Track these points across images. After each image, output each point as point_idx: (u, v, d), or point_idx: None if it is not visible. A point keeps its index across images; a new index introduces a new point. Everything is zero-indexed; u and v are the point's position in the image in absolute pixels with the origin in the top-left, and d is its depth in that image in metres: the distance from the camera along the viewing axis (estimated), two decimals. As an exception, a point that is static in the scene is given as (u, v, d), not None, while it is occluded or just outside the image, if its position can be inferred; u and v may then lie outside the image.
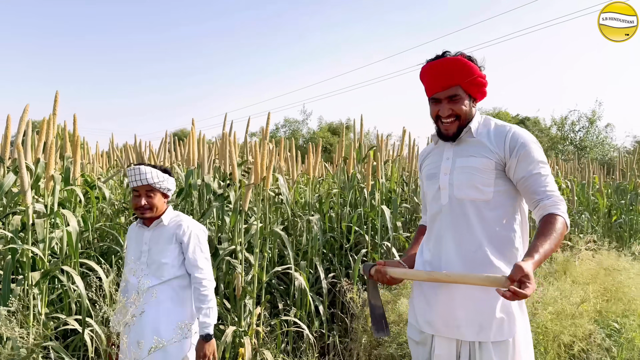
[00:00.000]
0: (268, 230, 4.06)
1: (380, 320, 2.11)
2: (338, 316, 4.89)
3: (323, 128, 31.76)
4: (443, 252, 2.01)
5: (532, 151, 1.91)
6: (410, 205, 5.38)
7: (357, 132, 5.51)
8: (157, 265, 2.60)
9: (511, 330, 1.90)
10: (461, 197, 1.97)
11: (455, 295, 1.95)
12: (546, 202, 1.86)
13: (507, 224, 1.95)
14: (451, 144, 2.06)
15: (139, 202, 2.60)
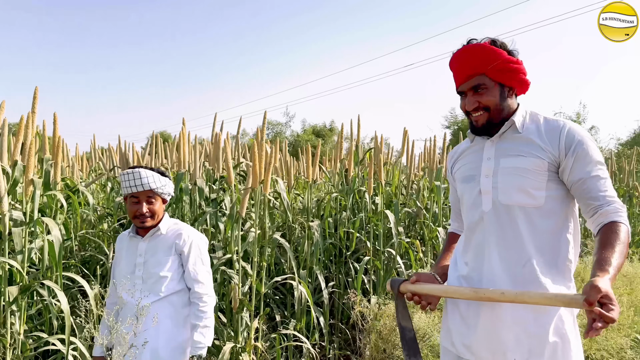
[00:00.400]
0: (267, 237, 3.78)
1: (411, 344, 1.83)
2: (337, 327, 4.64)
3: (307, 131, 31.48)
4: (485, 266, 1.75)
5: (590, 150, 1.66)
6: (412, 210, 5.15)
7: (355, 134, 5.26)
8: (154, 280, 2.33)
9: (565, 356, 1.64)
10: (508, 202, 1.70)
11: (500, 315, 1.68)
12: (607, 208, 1.61)
13: (560, 233, 1.70)
14: (492, 141, 1.80)
15: (139, 209, 2.33)
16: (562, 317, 1.65)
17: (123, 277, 2.36)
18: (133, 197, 2.33)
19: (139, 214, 2.33)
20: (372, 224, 4.58)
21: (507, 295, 1.54)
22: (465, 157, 1.92)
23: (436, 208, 5.22)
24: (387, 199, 5.06)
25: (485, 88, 1.75)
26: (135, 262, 2.37)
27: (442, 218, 5.26)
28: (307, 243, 4.15)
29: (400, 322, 1.85)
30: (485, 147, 1.82)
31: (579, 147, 1.66)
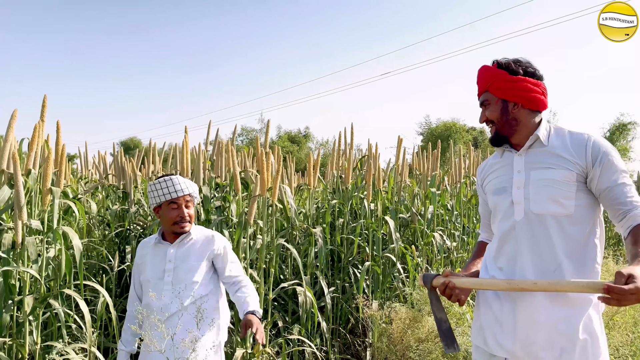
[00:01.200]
0: (275, 244, 3.83)
1: (448, 334, 1.93)
2: (336, 332, 4.71)
3: (282, 137, 31.52)
4: (518, 271, 1.87)
5: (614, 160, 1.81)
6: (407, 216, 5.27)
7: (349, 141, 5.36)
8: (184, 285, 2.36)
9: (595, 353, 1.77)
10: (540, 212, 1.83)
11: (533, 316, 1.80)
12: (635, 212, 1.75)
13: (588, 239, 1.83)
14: (520, 155, 1.94)
15: (181, 213, 2.40)
16: (590, 316, 1.78)
17: (151, 283, 2.39)
18: (172, 203, 2.39)
19: (179, 219, 2.39)
20: (371, 230, 4.68)
21: (540, 284, 1.66)
22: (495, 171, 2.05)
23: (430, 214, 5.36)
24: (383, 205, 5.17)
25: (489, 103, 1.96)
26: (164, 268, 2.40)
27: (435, 224, 5.40)
28: (311, 249, 4.22)
29: (436, 314, 1.96)
30: (514, 161, 1.95)
31: (605, 157, 1.80)
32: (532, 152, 1.91)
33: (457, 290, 1.85)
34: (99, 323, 3.51)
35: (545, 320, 1.78)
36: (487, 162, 2.15)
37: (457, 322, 3.45)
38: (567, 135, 1.90)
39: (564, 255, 1.80)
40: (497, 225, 1.99)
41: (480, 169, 2.19)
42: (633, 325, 3.17)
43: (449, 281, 1.85)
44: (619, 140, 22.00)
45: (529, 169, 1.89)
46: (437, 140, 6.66)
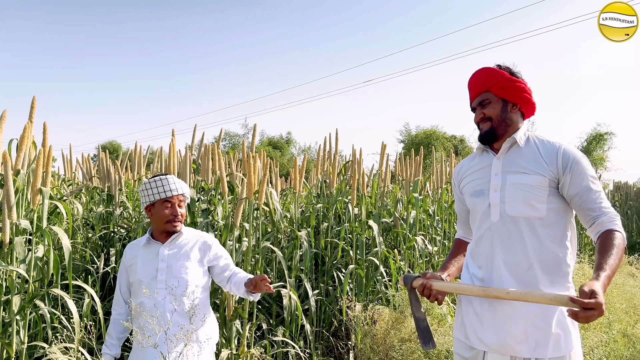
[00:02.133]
0: (260, 247, 3.88)
1: (426, 332, 2.04)
2: (319, 334, 4.77)
3: (264, 142, 31.49)
4: (494, 269, 1.98)
5: (584, 167, 1.93)
6: (390, 220, 5.37)
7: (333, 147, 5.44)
8: (178, 284, 2.40)
9: (568, 346, 1.89)
10: (514, 214, 1.94)
11: (509, 311, 1.92)
12: (603, 218, 1.86)
13: (559, 241, 1.94)
14: (497, 159, 2.04)
15: (174, 211, 2.45)
16: (563, 312, 1.90)
17: (143, 283, 2.42)
18: (166, 201, 2.44)
19: (173, 217, 2.45)
20: (355, 234, 4.76)
21: (512, 294, 1.76)
22: (473, 173, 2.16)
23: (412, 218, 5.46)
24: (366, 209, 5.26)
25: (489, 102, 2.06)
26: (157, 267, 2.43)
27: (417, 228, 5.50)
28: (296, 252, 4.28)
29: (415, 313, 2.07)
30: (493, 164, 2.06)
31: (575, 164, 1.92)
32: (510, 156, 2.02)
33: (434, 291, 1.95)
34: (83, 324, 3.51)
35: (521, 316, 1.89)
36: (464, 163, 2.26)
37: (439, 323, 3.54)
38: (540, 143, 2.02)
39: (535, 256, 1.91)
40: (476, 226, 2.10)
41: (457, 170, 2.30)
42: (607, 326, 3.30)
43: (427, 283, 1.95)
44: (596, 150, 22.47)
45: (505, 173, 2.00)
46: (419, 147, 6.79)
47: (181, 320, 2.34)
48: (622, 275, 5.13)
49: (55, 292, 2.69)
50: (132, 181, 5.45)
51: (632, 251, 10.66)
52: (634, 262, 6.32)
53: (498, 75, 2.02)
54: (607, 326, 3.32)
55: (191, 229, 2.64)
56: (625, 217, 11.92)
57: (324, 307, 4.81)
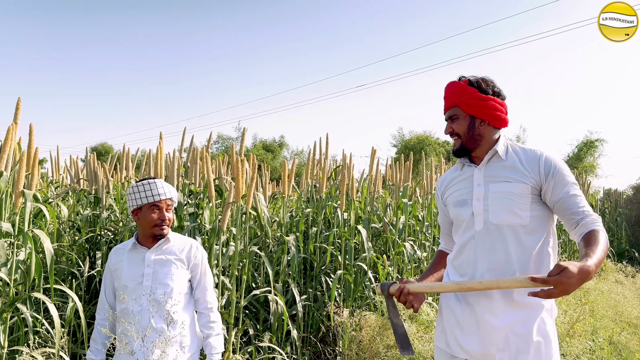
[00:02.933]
0: (247, 251, 3.86)
1: (403, 338, 2.04)
2: (307, 340, 4.74)
3: (257, 146, 31.46)
4: (477, 277, 1.99)
5: (565, 173, 1.96)
6: (379, 225, 5.35)
7: (324, 151, 5.43)
8: (163, 290, 2.39)
9: (548, 353, 1.89)
10: (498, 222, 1.96)
11: (491, 319, 1.92)
12: (587, 220, 1.88)
13: (542, 247, 1.96)
14: (479, 169, 2.06)
15: (162, 216, 2.42)
16: (544, 320, 1.92)
17: (128, 288, 2.39)
18: (154, 205, 2.41)
19: (160, 222, 2.41)
20: (344, 239, 4.75)
21: (485, 282, 1.78)
22: (456, 184, 2.17)
23: (402, 224, 5.45)
24: (356, 215, 5.25)
25: (457, 118, 2.07)
26: (142, 273, 2.40)
27: (406, 234, 5.49)
28: (284, 257, 4.25)
29: (392, 319, 2.07)
30: (475, 175, 2.07)
31: (556, 172, 1.94)
32: (491, 167, 2.04)
33: (411, 297, 1.95)
34: (67, 329, 3.47)
35: (502, 323, 1.89)
36: (447, 175, 2.27)
37: (425, 329, 3.53)
38: (522, 151, 2.04)
39: (519, 263, 1.92)
40: (459, 236, 2.11)
41: (440, 182, 2.31)
42: (592, 333, 3.30)
43: (403, 287, 1.95)
44: (587, 157, 22.62)
45: (487, 182, 2.02)
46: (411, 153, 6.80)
47: (165, 327, 2.32)
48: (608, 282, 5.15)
49: (37, 296, 2.65)
50: (120, 184, 5.40)
51: (621, 258, 10.72)
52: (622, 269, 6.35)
53: (466, 93, 2.03)
54: (592, 333, 3.33)
55: (178, 234, 2.61)
56: (614, 225, 11.98)
57: (311, 313, 4.79)
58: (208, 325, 2.50)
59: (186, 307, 2.49)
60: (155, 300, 2.34)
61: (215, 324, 2.52)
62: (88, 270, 3.90)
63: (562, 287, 1.55)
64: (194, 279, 2.51)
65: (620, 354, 3.70)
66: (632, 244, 12.11)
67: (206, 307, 2.52)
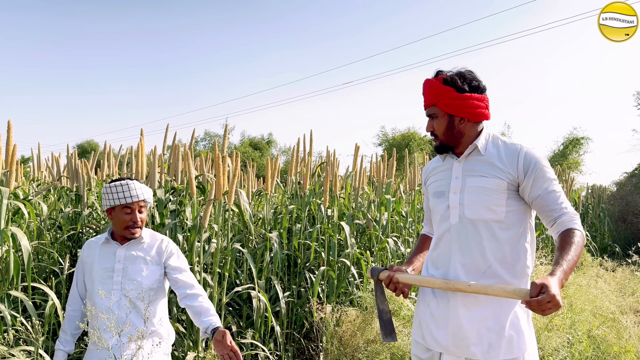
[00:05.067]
0: (229, 248, 3.85)
1: (388, 324, 2.06)
2: (291, 336, 4.75)
3: (244, 143, 31.37)
4: (451, 270, 2.00)
5: (545, 170, 1.95)
6: (362, 222, 5.37)
7: (307, 148, 5.44)
8: (133, 286, 2.37)
9: (521, 348, 1.91)
10: (473, 217, 1.96)
11: (464, 314, 1.94)
12: (564, 218, 1.90)
13: (518, 243, 1.97)
14: (459, 162, 2.06)
15: (134, 218, 2.40)
16: (517, 314, 1.93)
17: (98, 282, 2.39)
18: (126, 207, 2.39)
19: (132, 224, 2.39)
20: (327, 235, 4.76)
21: (473, 287, 1.80)
22: (437, 174, 2.17)
23: (385, 220, 5.48)
24: (340, 211, 5.26)
25: (436, 117, 2.06)
26: (113, 268, 2.40)
27: (389, 230, 5.52)
28: (267, 253, 4.25)
29: (379, 305, 2.09)
30: (453, 167, 2.08)
31: (536, 168, 1.94)
32: (470, 160, 2.04)
33: (400, 284, 1.97)
34: (47, 327, 3.44)
35: (475, 318, 1.91)
36: (431, 164, 2.27)
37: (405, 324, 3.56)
38: (502, 145, 2.03)
39: (493, 258, 1.93)
40: (436, 227, 2.13)
41: (425, 169, 2.32)
42: (570, 326, 3.35)
43: (393, 275, 1.97)
44: (572, 154, 22.85)
45: (465, 176, 2.02)
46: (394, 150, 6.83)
47: (135, 322, 2.32)
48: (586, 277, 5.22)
49: (14, 294, 2.63)
50: (102, 181, 5.37)
51: (604, 253, 10.87)
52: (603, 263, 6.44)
53: (442, 93, 2.00)
54: (569, 327, 3.37)
55: (151, 230, 2.61)
56: (597, 220, 12.13)
57: (295, 309, 4.80)
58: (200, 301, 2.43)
59: (157, 303, 2.48)
60: (125, 296, 2.34)
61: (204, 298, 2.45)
62: (69, 267, 3.87)
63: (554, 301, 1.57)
64: (172, 269, 2.49)
65: (599, 346, 3.76)
66: (615, 239, 12.27)
67: (193, 286, 2.48)
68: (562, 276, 1.68)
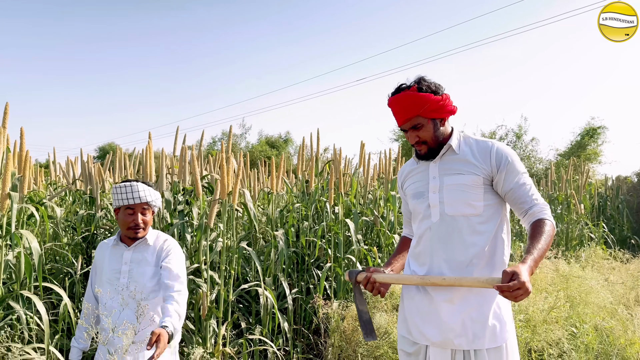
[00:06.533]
0: (235, 247, 3.95)
1: (368, 324, 2.13)
2: (300, 332, 4.84)
3: (262, 142, 31.57)
4: (435, 266, 2.07)
5: (515, 164, 2.04)
6: (369, 219, 5.43)
7: (314, 146, 5.50)
8: (139, 287, 2.46)
9: (503, 336, 1.99)
10: (453, 213, 2.04)
11: (448, 307, 2.00)
12: (534, 209, 1.98)
13: (496, 235, 2.05)
14: (435, 163, 2.13)
15: (135, 219, 2.47)
16: (499, 305, 2.01)
17: (106, 284, 2.48)
18: (128, 208, 2.48)
19: (133, 225, 2.47)
20: (333, 232, 4.83)
21: (447, 280, 1.89)
22: (413, 176, 2.25)
23: (392, 216, 5.53)
24: (346, 208, 5.32)
25: (421, 126, 2.09)
26: (120, 270, 2.49)
27: (397, 226, 5.57)
28: (272, 252, 4.34)
29: (358, 306, 2.16)
30: (430, 168, 2.15)
31: (507, 163, 2.03)
32: (445, 160, 2.11)
33: (377, 284, 2.04)
34: (61, 325, 3.58)
35: (460, 310, 1.98)
36: (406, 167, 2.35)
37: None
38: (474, 143, 2.12)
39: (474, 252, 2.01)
40: (417, 226, 2.20)
41: (400, 173, 2.40)
42: (565, 319, 3.37)
43: (370, 276, 2.04)
44: (590, 144, 22.47)
45: (442, 175, 2.09)
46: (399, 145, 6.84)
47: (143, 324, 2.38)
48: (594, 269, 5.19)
49: (25, 294, 2.75)
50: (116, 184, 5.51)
51: (623, 245, 10.70)
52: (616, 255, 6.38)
53: (426, 101, 2.03)
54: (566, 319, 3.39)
55: (158, 232, 2.67)
56: (616, 212, 11.94)
57: (304, 306, 4.88)
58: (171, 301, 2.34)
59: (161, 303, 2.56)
60: (131, 297, 2.42)
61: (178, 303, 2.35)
62: (82, 267, 4.02)
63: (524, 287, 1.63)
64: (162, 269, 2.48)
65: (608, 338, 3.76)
66: (635, 231, 12.05)
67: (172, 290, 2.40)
68: (532, 264, 1.76)
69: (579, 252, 6.82)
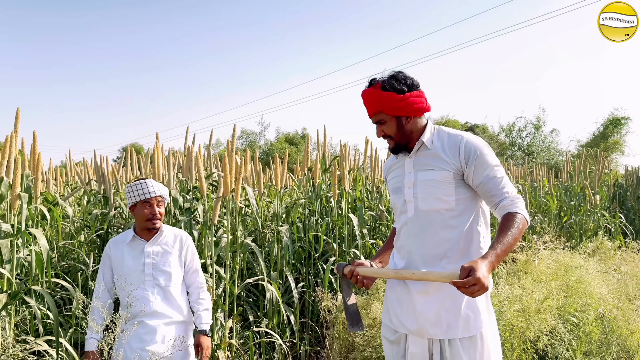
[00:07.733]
0: (238, 242, 4.07)
1: (354, 316, 2.21)
2: (308, 325, 4.94)
3: (280, 139, 31.85)
4: (412, 261, 2.14)
5: (486, 157, 2.05)
6: (375, 213, 5.50)
7: (321, 142, 5.59)
8: (164, 277, 2.74)
9: (477, 326, 2.03)
10: (426, 208, 2.09)
11: (424, 298, 2.08)
12: (505, 202, 1.99)
13: (471, 228, 2.08)
14: (410, 158, 2.18)
15: (152, 211, 2.74)
16: None
17: (130, 277, 2.71)
18: (145, 202, 2.74)
19: (152, 216, 2.74)
20: (338, 227, 4.91)
21: (416, 274, 1.96)
22: (394, 171, 2.31)
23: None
24: (352, 203, 5.40)
25: (384, 122, 2.16)
26: (143, 262, 2.74)
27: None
28: (277, 247, 4.45)
29: (345, 298, 2.24)
30: (405, 163, 2.21)
31: (476, 156, 2.04)
32: (419, 155, 2.16)
33: (360, 276, 2.12)
34: (74, 320, 3.75)
35: (434, 300, 2.05)
36: (389, 162, 2.42)
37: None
38: (446, 137, 2.15)
39: (449, 246, 2.06)
40: (396, 221, 2.28)
41: (384, 167, 2.47)
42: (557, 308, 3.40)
43: (354, 269, 2.13)
44: (613, 135, 22.08)
45: (416, 171, 2.15)
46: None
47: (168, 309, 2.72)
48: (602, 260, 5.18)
49: (35, 289, 2.91)
50: (129, 183, 5.69)
51: (642, 237, 10.53)
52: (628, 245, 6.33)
53: (385, 99, 2.08)
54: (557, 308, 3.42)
55: (170, 227, 2.93)
56: (636, 203, 11.75)
57: (311, 299, 4.98)
58: (198, 301, 2.87)
59: (183, 292, 2.86)
60: (158, 285, 2.69)
61: (204, 301, 2.89)
62: (94, 265, 4.18)
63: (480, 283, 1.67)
64: (186, 264, 2.87)
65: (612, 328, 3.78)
66: (656, 222, 11.83)
67: (197, 287, 2.89)
68: (493, 259, 1.78)
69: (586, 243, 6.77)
